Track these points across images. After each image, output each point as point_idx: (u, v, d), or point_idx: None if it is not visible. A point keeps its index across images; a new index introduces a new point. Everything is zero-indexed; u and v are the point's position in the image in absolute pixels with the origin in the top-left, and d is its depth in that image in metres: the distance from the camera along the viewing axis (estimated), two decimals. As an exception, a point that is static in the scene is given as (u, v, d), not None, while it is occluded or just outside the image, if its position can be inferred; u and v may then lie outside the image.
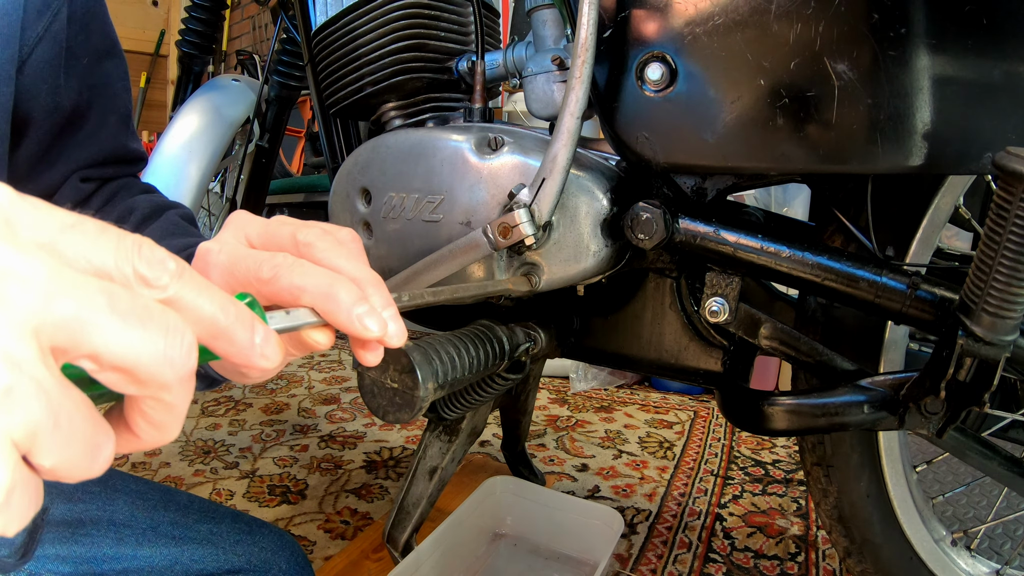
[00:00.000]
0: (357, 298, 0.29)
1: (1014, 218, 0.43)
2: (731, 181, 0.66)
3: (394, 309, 0.31)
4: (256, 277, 0.30)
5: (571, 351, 0.81)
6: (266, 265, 0.30)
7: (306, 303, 0.29)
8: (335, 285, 0.29)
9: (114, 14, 0.61)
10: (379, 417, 0.61)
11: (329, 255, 0.31)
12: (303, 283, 0.29)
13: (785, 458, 1.41)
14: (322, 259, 0.31)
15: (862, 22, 0.50)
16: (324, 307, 0.29)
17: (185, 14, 1.42)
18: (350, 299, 0.29)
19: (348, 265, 0.31)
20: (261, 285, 0.30)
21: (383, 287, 0.32)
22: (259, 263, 0.30)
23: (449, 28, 0.79)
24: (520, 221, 0.60)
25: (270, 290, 0.30)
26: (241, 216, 0.34)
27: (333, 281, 0.29)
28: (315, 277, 0.29)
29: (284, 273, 0.29)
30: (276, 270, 0.30)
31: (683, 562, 1.02)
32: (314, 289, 0.29)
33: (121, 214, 0.58)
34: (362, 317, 0.29)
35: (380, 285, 0.31)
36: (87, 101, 0.58)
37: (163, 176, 1.25)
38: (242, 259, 0.31)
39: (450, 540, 0.88)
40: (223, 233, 0.34)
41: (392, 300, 0.32)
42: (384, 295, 0.31)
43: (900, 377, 0.57)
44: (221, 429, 1.55)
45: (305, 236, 0.32)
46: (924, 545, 0.74)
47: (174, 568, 0.60)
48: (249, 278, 0.30)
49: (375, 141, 0.75)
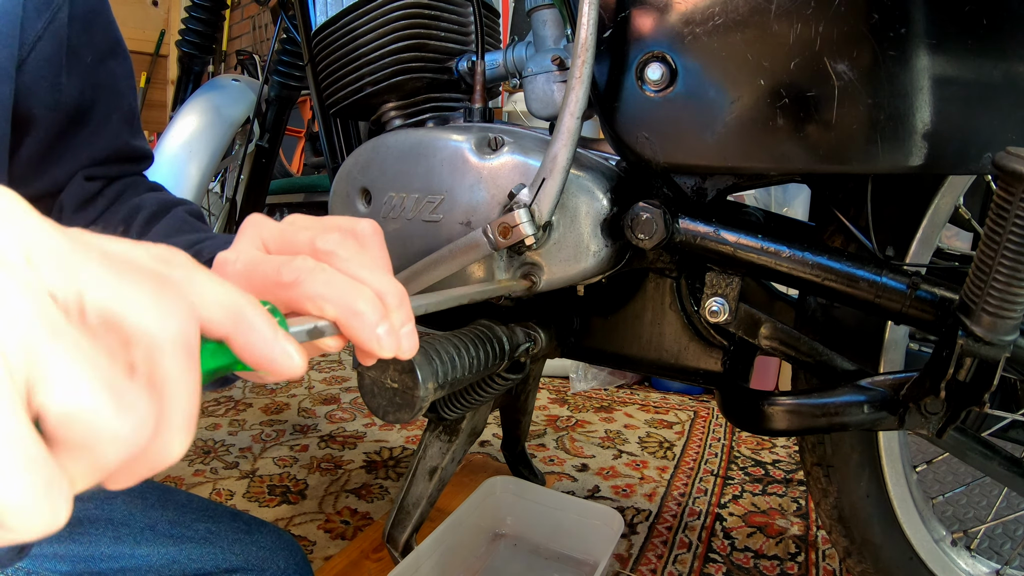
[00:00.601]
0: (380, 316, 0.29)
1: (1014, 218, 0.43)
2: (731, 181, 0.66)
3: (412, 324, 0.31)
4: (276, 282, 0.29)
5: (571, 351, 0.81)
6: (285, 268, 0.29)
7: (329, 315, 0.28)
8: (360, 301, 0.28)
9: (114, 14, 0.62)
10: (379, 417, 0.61)
11: (351, 265, 0.30)
12: (327, 293, 0.28)
13: (785, 458, 1.41)
14: (345, 268, 0.30)
15: (862, 22, 0.50)
16: (347, 322, 0.28)
17: (185, 14, 1.42)
18: (375, 317, 0.29)
19: (371, 276, 0.30)
20: (281, 290, 0.29)
21: (406, 301, 0.31)
22: (278, 267, 0.29)
23: (449, 28, 0.79)
24: (520, 221, 0.60)
25: (290, 295, 0.29)
26: (255, 220, 0.33)
27: (358, 296, 0.28)
28: (339, 289, 0.28)
29: (306, 279, 0.29)
30: (298, 274, 0.29)
31: (683, 562, 1.02)
32: (339, 301, 0.28)
33: (128, 212, 0.58)
34: (381, 338, 0.29)
35: (404, 300, 0.31)
36: (90, 100, 0.58)
37: (163, 176, 1.25)
38: (259, 264, 0.30)
39: (450, 540, 0.88)
40: (238, 241, 0.33)
41: (412, 315, 0.31)
42: (406, 311, 0.31)
43: (900, 377, 0.57)
44: (221, 429, 1.55)
45: (325, 244, 0.30)
46: (924, 545, 0.74)
47: (172, 567, 0.60)
48: (268, 284, 0.30)
49: (375, 141, 0.75)
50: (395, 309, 0.30)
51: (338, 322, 0.29)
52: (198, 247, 0.51)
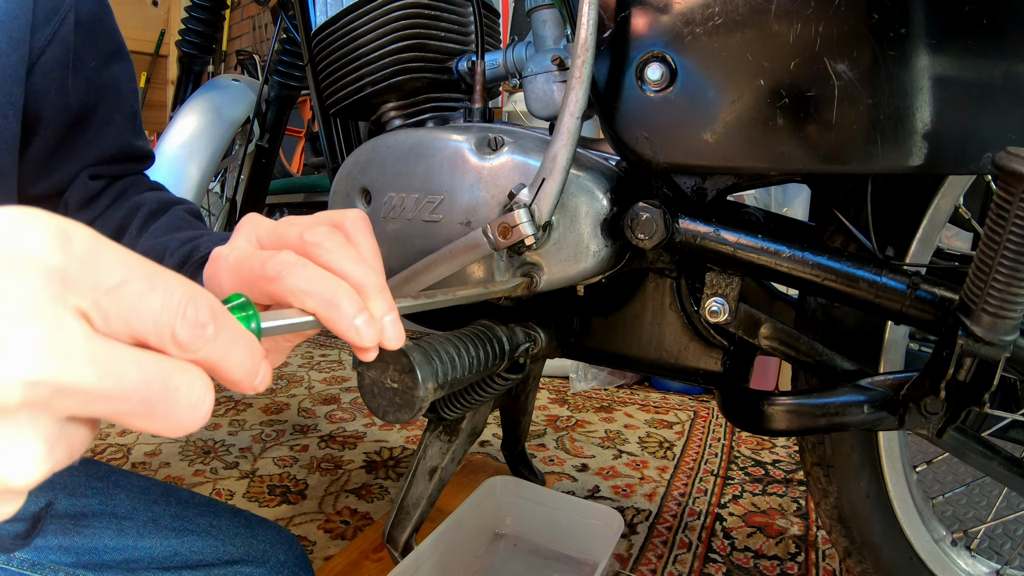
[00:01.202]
0: (358, 308, 0.30)
1: (1014, 218, 0.43)
2: (731, 181, 0.66)
3: (395, 314, 0.32)
4: (260, 275, 0.31)
5: (571, 351, 0.81)
6: (270, 263, 0.30)
7: (310, 308, 0.30)
8: (338, 294, 0.30)
9: (115, 14, 0.63)
10: (379, 417, 0.61)
11: (336, 256, 0.31)
12: (308, 288, 0.30)
13: (785, 458, 1.41)
14: (328, 260, 0.31)
15: (862, 22, 0.50)
16: (326, 315, 0.30)
17: (185, 14, 1.42)
18: (352, 309, 0.30)
19: (354, 268, 0.31)
20: (266, 284, 0.31)
21: (386, 292, 0.32)
22: (263, 261, 0.31)
23: (449, 28, 0.79)
24: (520, 221, 0.60)
25: (274, 289, 0.30)
26: (252, 219, 0.35)
27: (336, 289, 0.30)
28: (319, 283, 0.30)
29: (288, 274, 0.30)
30: (281, 268, 0.30)
31: (683, 562, 1.02)
32: (318, 295, 0.30)
33: (129, 210, 0.60)
34: (360, 328, 0.30)
35: (383, 291, 0.32)
36: (94, 102, 0.60)
37: (163, 175, 1.25)
38: (248, 259, 0.32)
39: (450, 540, 0.88)
40: (234, 238, 0.34)
41: (393, 305, 0.32)
42: (386, 301, 0.32)
43: (900, 377, 0.57)
44: (221, 429, 1.55)
45: (312, 236, 0.32)
46: (924, 545, 0.74)
47: (174, 559, 0.61)
48: (254, 276, 0.31)
49: (375, 141, 0.75)
50: (374, 299, 0.31)
51: (317, 315, 0.30)
52: (194, 243, 0.53)
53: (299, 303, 0.30)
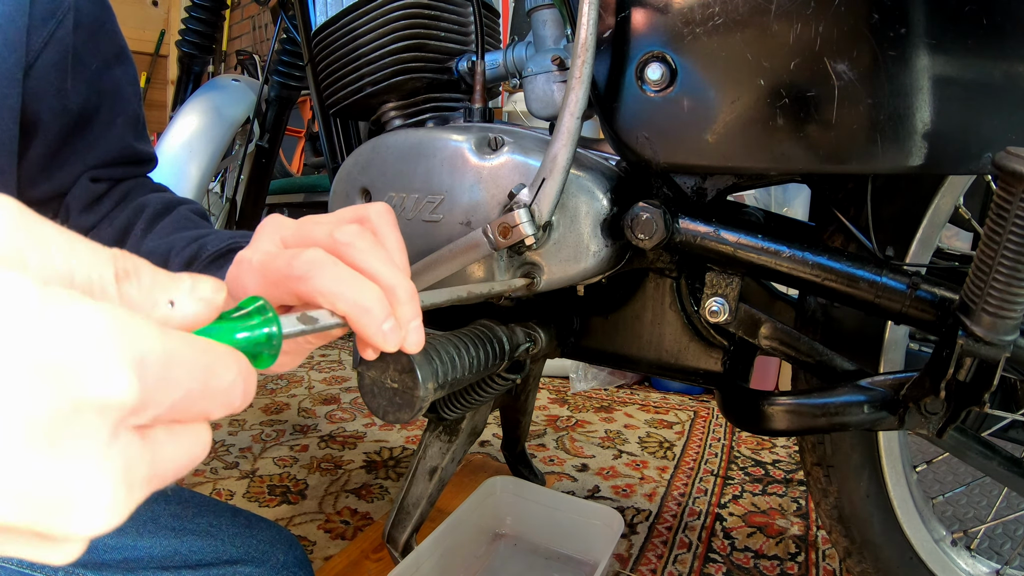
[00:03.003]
0: (387, 314, 0.30)
1: (1014, 218, 0.43)
2: (731, 181, 0.66)
3: (419, 320, 0.31)
4: (287, 275, 0.30)
5: (571, 351, 0.81)
6: (296, 262, 0.30)
7: (340, 311, 0.29)
8: (370, 299, 0.29)
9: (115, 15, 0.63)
10: (379, 417, 0.61)
11: (367, 257, 0.31)
12: (337, 290, 0.29)
13: (785, 458, 1.41)
14: (359, 261, 0.30)
15: (862, 22, 0.50)
16: (356, 319, 0.29)
17: (185, 14, 1.42)
18: (382, 315, 0.29)
19: (385, 271, 0.31)
20: (293, 283, 0.30)
21: (415, 299, 0.31)
22: (289, 260, 0.30)
23: (449, 28, 0.79)
24: (520, 221, 0.60)
25: (302, 289, 0.29)
26: (275, 219, 0.34)
27: (368, 293, 0.29)
28: (350, 286, 0.29)
29: (317, 273, 0.29)
30: (309, 267, 0.29)
31: (683, 562, 1.02)
32: (350, 298, 0.29)
33: (134, 212, 0.60)
34: (387, 334, 0.29)
35: (412, 296, 0.31)
36: (96, 105, 0.60)
37: (163, 176, 1.25)
38: (273, 259, 0.31)
39: (450, 540, 0.88)
40: (257, 239, 0.33)
41: (419, 311, 0.32)
42: (414, 307, 0.31)
43: (900, 377, 0.57)
44: (221, 429, 1.55)
45: (342, 235, 0.31)
46: (924, 545, 0.74)
47: (174, 558, 0.61)
48: (280, 276, 0.30)
49: (375, 141, 0.75)
50: (403, 304, 0.31)
51: (347, 317, 0.29)
52: (200, 242, 0.52)
53: (328, 304, 0.29)
